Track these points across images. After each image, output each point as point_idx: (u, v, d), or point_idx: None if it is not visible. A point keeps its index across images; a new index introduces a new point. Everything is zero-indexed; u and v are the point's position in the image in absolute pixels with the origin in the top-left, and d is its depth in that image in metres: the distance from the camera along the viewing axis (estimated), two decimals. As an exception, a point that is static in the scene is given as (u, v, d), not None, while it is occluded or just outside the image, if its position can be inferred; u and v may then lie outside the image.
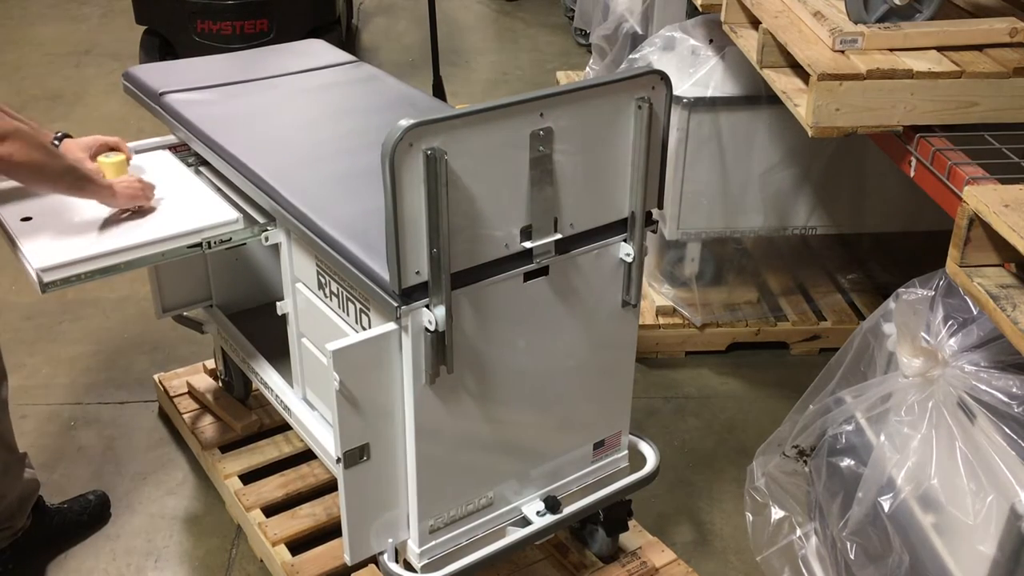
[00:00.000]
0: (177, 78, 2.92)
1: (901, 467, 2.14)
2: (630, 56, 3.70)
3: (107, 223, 2.37)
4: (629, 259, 2.22)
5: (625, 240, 2.21)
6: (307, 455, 2.95)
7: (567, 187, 2.06)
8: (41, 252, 2.24)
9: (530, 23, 7.36)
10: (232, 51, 3.98)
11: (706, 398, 3.50)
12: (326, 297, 2.30)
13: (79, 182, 2.28)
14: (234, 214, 2.42)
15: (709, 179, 3.47)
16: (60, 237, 2.30)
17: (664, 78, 2.09)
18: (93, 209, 2.38)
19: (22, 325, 3.84)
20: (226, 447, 3.03)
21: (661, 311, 3.69)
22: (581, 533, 2.66)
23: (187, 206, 2.47)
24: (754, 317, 3.71)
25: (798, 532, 2.61)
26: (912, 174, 2.28)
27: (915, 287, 2.28)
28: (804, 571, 2.55)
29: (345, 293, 2.20)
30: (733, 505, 2.99)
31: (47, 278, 2.19)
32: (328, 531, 2.73)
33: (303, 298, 2.40)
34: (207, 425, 3.12)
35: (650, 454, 2.56)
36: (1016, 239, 1.67)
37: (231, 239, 2.41)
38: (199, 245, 2.37)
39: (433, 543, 2.23)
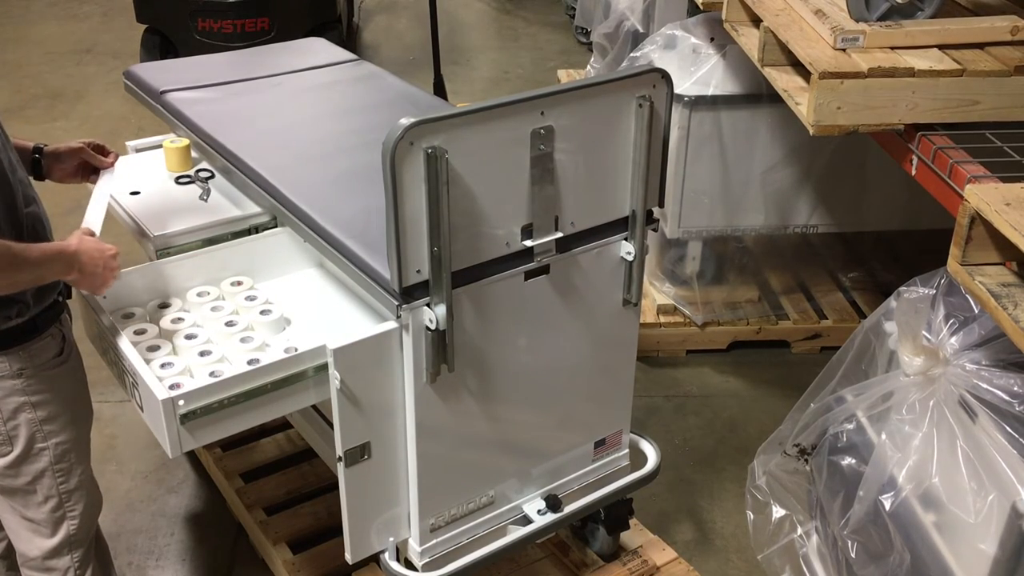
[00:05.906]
0: (178, 76, 2.92)
1: (902, 466, 2.14)
2: (631, 54, 3.70)
3: None
4: (630, 257, 2.21)
5: (626, 239, 2.21)
6: (308, 454, 2.95)
7: (568, 185, 2.06)
8: None
9: (531, 21, 7.36)
10: (233, 49, 3.99)
11: (707, 397, 3.50)
12: (327, 296, 2.30)
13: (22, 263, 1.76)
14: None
15: (710, 177, 3.46)
16: None
17: (665, 76, 2.09)
18: None
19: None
20: (227, 446, 3.02)
21: (662, 309, 3.69)
22: (582, 531, 2.66)
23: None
24: (755, 316, 3.71)
25: (799, 531, 2.61)
26: (913, 172, 2.28)
27: (916, 286, 2.28)
28: (805, 570, 2.55)
29: (346, 292, 2.20)
30: (734, 504, 2.99)
31: None
32: (329, 530, 2.72)
33: (304, 297, 2.40)
34: (208, 424, 3.12)
35: (651, 453, 2.56)
36: (1017, 238, 1.67)
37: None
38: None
39: (434, 542, 2.23)
